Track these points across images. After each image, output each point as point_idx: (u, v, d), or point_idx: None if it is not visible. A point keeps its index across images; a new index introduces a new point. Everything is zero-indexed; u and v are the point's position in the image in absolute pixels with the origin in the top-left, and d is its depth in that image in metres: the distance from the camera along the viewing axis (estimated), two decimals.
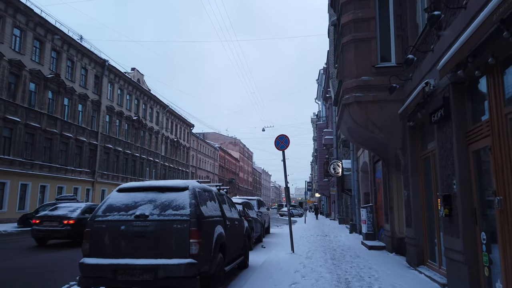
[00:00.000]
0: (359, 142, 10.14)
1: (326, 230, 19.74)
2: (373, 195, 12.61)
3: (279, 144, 10.11)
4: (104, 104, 38.78)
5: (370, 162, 12.74)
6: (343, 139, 19.14)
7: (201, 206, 5.13)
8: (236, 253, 7.29)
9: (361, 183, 15.77)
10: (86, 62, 36.17)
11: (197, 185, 5.47)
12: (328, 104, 35.97)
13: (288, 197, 9.77)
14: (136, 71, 48.03)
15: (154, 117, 51.71)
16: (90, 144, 36.44)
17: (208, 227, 5.16)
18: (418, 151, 7.58)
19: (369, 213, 12.33)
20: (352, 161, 16.98)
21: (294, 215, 46.84)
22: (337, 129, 10.49)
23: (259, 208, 15.96)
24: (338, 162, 21.98)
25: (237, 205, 11.23)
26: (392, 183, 9.76)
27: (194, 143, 70.15)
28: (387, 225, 10.16)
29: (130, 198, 5.04)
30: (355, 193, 16.55)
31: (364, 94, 8.09)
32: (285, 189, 9.79)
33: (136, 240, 4.72)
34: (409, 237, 7.82)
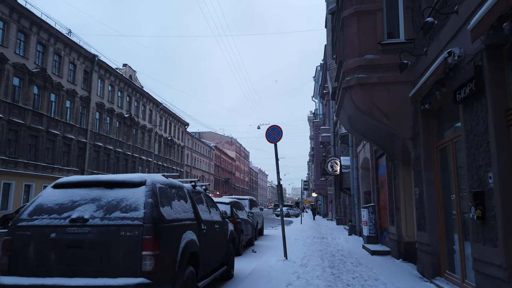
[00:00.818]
0: (361, 134, 8.96)
1: (323, 232, 18.57)
2: (375, 194, 11.45)
3: (270, 136, 8.93)
4: (93, 100, 37.45)
5: (372, 158, 11.57)
6: (341, 135, 17.97)
7: (162, 207, 3.93)
8: (217, 263, 6.10)
9: (361, 181, 14.61)
10: (74, 57, 34.81)
11: (159, 179, 4.26)
12: (325, 101, 34.83)
13: (280, 195, 8.59)
14: (128, 67, 46.70)
15: (147, 115, 50.39)
16: (79, 142, 35.10)
17: (171, 234, 3.96)
18: (433, 141, 6.41)
19: (371, 213, 11.17)
20: (351, 157, 15.82)
21: (290, 215, 45.71)
22: (336, 116, 9.30)
23: (251, 208, 14.76)
24: (336, 160, 20.82)
25: (224, 206, 10.05)
26: (398, 180, 8.59)
27: (189, 142, 68.86)
28: (392, 227, 8.99)
29: (67, 197, 3.84)
30: (355, 192, 15.39)
31: (368, 76, 6.91)
32: (278, 187, 8.63)
33: (71, 253, 3.52)
34: (421, 243, 6.64)
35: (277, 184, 8.64)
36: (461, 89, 4.57)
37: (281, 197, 8.59)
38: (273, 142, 8.85)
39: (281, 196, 8.57)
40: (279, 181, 8.62)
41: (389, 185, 9.09)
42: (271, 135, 8.92)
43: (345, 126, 9.33)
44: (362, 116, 7.45)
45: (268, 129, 8.96)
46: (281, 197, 8.59)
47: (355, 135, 9.56)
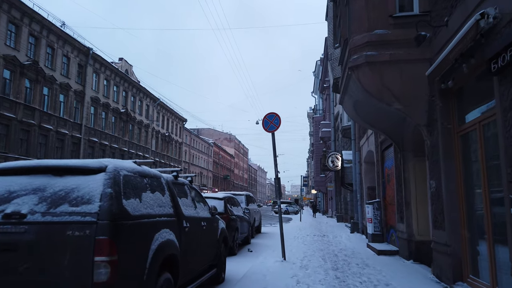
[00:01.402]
0: (367, 122, 8.13)
1: (324, 229, 17.77)
2: (380, 189, 10.63)
3: (267, 125, 8.09)
4: (88, 95, 36.55)
5: (377, 150, 10.75)
6: (343, 128, 17.15)
7: (127, 199, 3.10)
8: (204, 265, 5.28)
9: (365, 176, 13.79)
10: (68, 49, 33.88)
11: (125, 166, 3.41)
12: (325, 95, 33.99)
13: (279, 190, 7.77)
14: (124, 61, 45.78)
15: (144, 110, 49.49)
16: (73, 137, 34.21)
17: (137, 234, 3.14)
18: (453, 126, 5.58)
19: (376, 210, 10.36)
20: (354, 151, 15.00)
21: (290, 213, 44.97)
22: (340, 104, 8.47)
23: (248, 204, 13.94)
24: (337, 154, 20.00)
25: (217, 201, 9.23)
26: (408, 173, 7.77)
27: (187, 138, 68.01)
28: (401, 225, 8.17)
29: (3, 186, 2.99)
30: (357, 187, 14.57)
31: (379, 53, 6.08)
32: (275, 180, 7.82)
33: (3, 257, 2.69)
34: (438, 243, 5.83)
35: (275, 178, 7.83)
36: (497, 58, 3.75)
37: (279, 192, 7.78)
38: (270, 131, 8.02)
39: (279, 191, 7.76)
40: (277, 174, 7.81)
41: (398, 178, 8.28)
42: (268, 123, 8.08)
43: (349, 114, 8.49)
44: (370, 100, 6.62)
45: (265, 117, 8.13)
46: (279, 192, 7.78)
47: (361, 123, 8.72)
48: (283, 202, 50.90)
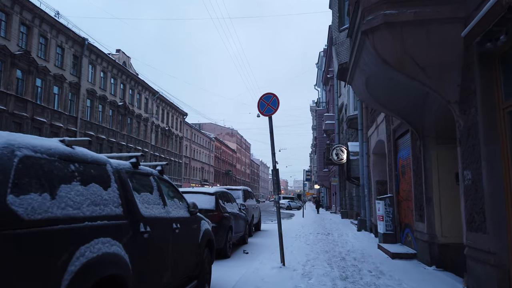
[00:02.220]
0: (380, 103, 6.90)
1: (328, 227, 16.60)
2: (393, 183, 9.43)
3: (264, 107, 6.89)
4: (84, 87, 35.41)
5: (389, 139, 9.54)
6: (349, 118, 15.91)
7: (18, 195, 1.92)
8: (178, 280, 4.11)
9: (373, 168, 12.58)
10: (62, 40, 32.69)
11: (26, 143, 2.20)
12: (329, 86, 32.70)
13: (277, 182, 6.55)
14: (122, 53, 44.60)
15: (143, 103, 48.36)
16: (68, 130, 33.10)
17: (38, 250, 1.95)
18: (498, 101, 4.36)
19: (387, 206, 9.17)
20: (361, 142, 13.77)
21: (292, 208, 43.85)
22: (349, 83, 7.20)
23: (246, 200, 12.78)
24: (342, 147, 18.78)
25: (207, 197, 8.07)
26: (430, 162, 6.56)
27: (188, 132, 66.90)
28: (420, 224, 6.98)
29: None
30: (365, 181, 13.37)
31: (399, 12, 4.85)
32: (273, 172, 6.64)
33: None
34: (476, 249, 4.63)
35: (272, 169, 6.65)
36: None
37: (278, 186, 6.60)
38: (267, 115, 6.83)
39: (278, 184, 6.58)
40: (274, 165, 6.62)
41: (416, 170, 7.07)
42: (264, 105, 6.88)
43: (360, 94, 7.27)
44: (387, 73, 5.40)
45: (261, 98, 6.92)
46: (278, 186, 6.60)
47: (372, 105, 7.49)
48: (286, 198, 49.76)
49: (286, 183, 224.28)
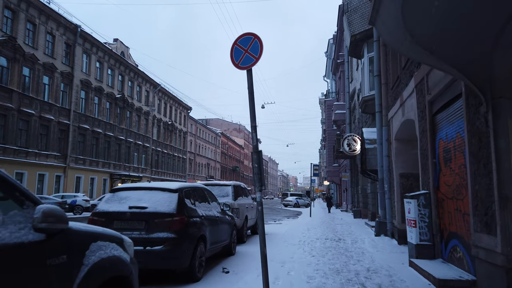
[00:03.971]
0: (424, 45, 4.29)
1: (339, 229, 14.08)
2: (429, 175, 6.88)
3: (239, 57, 4.41)
4: (77, 77, 33.33)
5: (423, 115, 7.01)
6: (364, 99, 13.32)
7: None
8: None
9: (396, 158, 10.04)
10: (52, 26, 30.59)
11: None
12: (339, 73, 30.03)
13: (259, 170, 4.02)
14: (120, 42, 42.45)
15: (143, 96, 46.24)
16: (59, 123, 31.09)
17: None
18: None
19: (422, 208, 6.63)
20: (379, 127, 11.23)
21: (300, 206, 41.35)
22: (372, 23, 4.66)
23: (237, 198, 10.35)
24: (355, 136, 16.21)
25: (167, 195, 5.64)
26: (507, 139, 4.03)
27: (193, 127, 64.73)
28: (485, 237, 4.46)
29: None
30: (385, 175, 10.83)
31: None
32: (253, 155, 4.14)
33: None
34: None
35: (253, 151, 4.17)
36: None
37: (259, 174, 4.09)
38: (244, 68, 4.36)
39: (260, 171, 4.08)
40: (255, 142, 4.12)
41: (478, 153, 4.55)
42: (240, 53, 4.39)
43: (390, 35, 4.77)
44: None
45: (235, 43, 4.44)
46: (259, 174, 4.09)
47: (409, 52, 4.90)
48: (293, 194, 47.26)
49: (296, 180, 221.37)
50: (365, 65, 13.62)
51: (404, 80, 8.71)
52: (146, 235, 5.26)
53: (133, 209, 5.39)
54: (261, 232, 4.22)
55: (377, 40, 11.46)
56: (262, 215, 4.14)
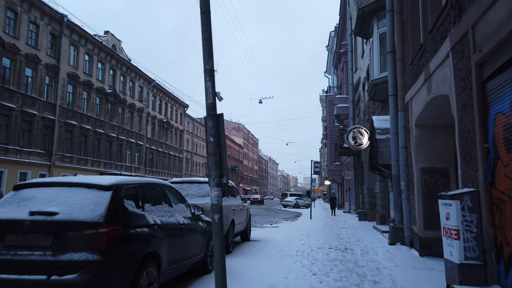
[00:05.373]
0: None
1: (344, 235, 12.16)
2: (474, 167, 4.97)
3: None
4: (64, 70, 31.41)
5: (464, 85, 5.10)
6: (373, 82, 11.39)
7: None
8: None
9: (416, 150, 8.13)
10: (36, 15, 28.67)
11: None
12: (342, 65, 28.10)
13: (216, 141, 2.31)
14: (111, 35, 40.55)
15: (137, 92, 44.31)
16: (44, 118, 29.17)
17: None
18: None
19: (468, 212, 4.72)
20: (393, 113, 9.33)
21: (300, 206, 39.45)
22: None
23: None
24: (361, 128, 14.29)
25: (95, 193, 3.74)
26: None
27: (189, 125, 62.83)
28: None
29: None
30: (401, 170, 8.92)
31: None
32: (206, 118, 2.41)
33: None
34: None
35: (207, 113, 2.38)
36: None
37: (219, 150, 2.30)
38: None
39: (219, 146, 2.29)
40: (213, 102, 2.33)
41: None
42: None
43: None
44: None
45: None
46: (219, 150, 2.30)
47: None
48: (293, 195, 45.34)
49: (296, 180, 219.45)
50: (374, 43, 11.70)
51: (431, 47, 6.79)
52: (53, 256, 3.36)
53: (36, 216, 3.48)
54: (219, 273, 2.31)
55: (390, 10, 9.56)
56: (221, 235, 2.27)
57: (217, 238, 2.40)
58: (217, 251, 2.45)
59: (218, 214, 2.39)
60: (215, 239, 2.43)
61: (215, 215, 2.38)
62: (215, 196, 2.42)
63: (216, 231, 2.37)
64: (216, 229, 2.37)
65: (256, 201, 49.94)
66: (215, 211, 2.39)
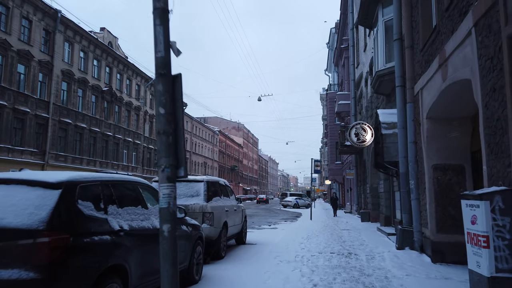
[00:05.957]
0: None
1: (346, 238, 11.37)
2: (506, 161, 4.19)
3: None
4: (58, 67, 30.61)
5: (492, 65, 4.34)
6: (378, 74, 10.60)
7: None
8: None
9: (428, 145, 7.35)
10: (29, 10, 27.89)
11: None
12: (343, 60, 27.31)
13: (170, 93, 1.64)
14: (107, 32, 39.77)
15: (134, 90, 43.56)
16: (37, 116, 28.39)
17: None
18: None
19: (499, 215, 3.95)
20: (401, 105, 8.56)
21: (300, 206, 38.66)
22: None
23: (211, 198, 7.65)
24: (364, 124, 13.51)
25: (38, 192, 2.92)
26: None
27: (188, 125, 62.08)
28: None
29: None
30: (410, 167, 8.14)
31: None
32: (155, 80, 1.74)
33: None
34: None
35: (156, 71, 1.68)
36: None
37: (175, 127, 1.59)
38: None
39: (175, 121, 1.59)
40: (161, 47, 1.60)
41: None
42: None
43: None
44: None
45: None
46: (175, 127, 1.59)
47: None
48: (293, 194, 44.57)
49: (296, 180, 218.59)
50: (379, 32, 10.92)
51: (446, 28, 6.01)
52: None
53: None
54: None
55: None
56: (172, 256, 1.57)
57: (166, 261, 1.65)
58: (165, 281, 1.71)
59: (169, 224, 1.63)
60: (163, 261, 1.68)
61: (165, 225, 1.63)
62: (165, 196, 1.69)
63: (165, 249, 1.63)
64: (165, 246, 1.63)
65: (262, 200, 55.49)
66: (165, 219, 1.64)
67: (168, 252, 1.67)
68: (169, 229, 1.66)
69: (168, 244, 1.65)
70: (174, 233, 1.69)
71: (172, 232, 1.66)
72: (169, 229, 1.67)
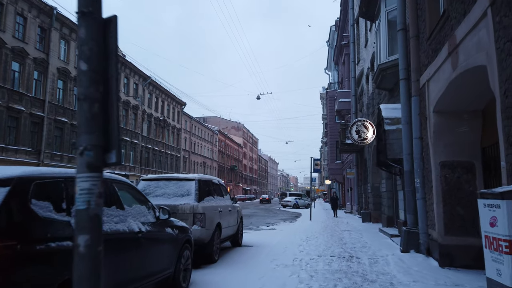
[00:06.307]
0: None
1: (347, 239, 10.88)
2: None
3: None
4: (53, 65, 30.12)
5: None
6: (381, 68, 10.09)
7: None
8: None
9: (435, 141, 6.86)
10: (23, 7, 27.39)
11: None
12: (343, 58, 26.81)
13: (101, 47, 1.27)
14: None
15: (132, 89, 43.07)
16: (32, 115, 27.89)
17: None
18: None
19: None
20: (405, 99, 8.07)
21: (300, 206, 38.16)
22: None
23: (203, 198, 7.15)
24: (365, 121, 13.02)
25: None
26: None
27: (187, 124, 61.55)
28: None
29: None
30: (416, 165, 7.66)
31: None
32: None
33: None
34: None
35: (78, 15, 1.18)
36: None
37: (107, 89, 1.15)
38: None
39: (107, 82, 1.18)
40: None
41: None
42: None
43: None
44: None
45: None
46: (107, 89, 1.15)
47: None
48: (292, 194, 44.05)
49: (296, 180, 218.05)
50: (381, 24, 10.42)
51: (457, 12, 5.51)
52: None
53: None
54: None
55: None
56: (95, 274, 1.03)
57: (84, 284, 1.15)
58: None
59: (88, 235, 1.13)
60: (78, 285, 1.19)
61: (81, 235, 1.13)
62: (82, 193, 1.21)
63: (80, 273, 1.13)
64: (81, 269, 1.14)
65: (265, 200, 58.45)
66: (81, 227, 1.14)
67: (86, 277, 1.13)
68: (87, 243, 1.14)
69: (86, 266, 1.12)
70: (96, 248, 1.19)
71: (93, 247, 1.16)
72: (88, 243, 1.15)
